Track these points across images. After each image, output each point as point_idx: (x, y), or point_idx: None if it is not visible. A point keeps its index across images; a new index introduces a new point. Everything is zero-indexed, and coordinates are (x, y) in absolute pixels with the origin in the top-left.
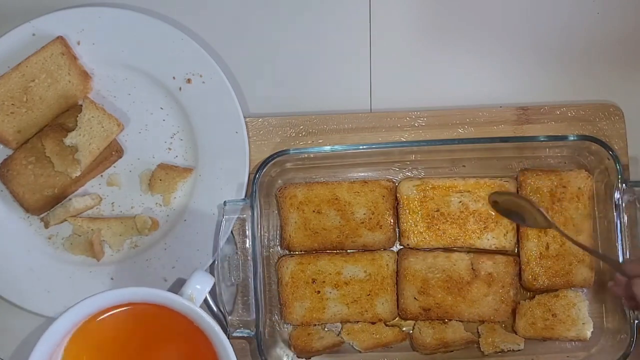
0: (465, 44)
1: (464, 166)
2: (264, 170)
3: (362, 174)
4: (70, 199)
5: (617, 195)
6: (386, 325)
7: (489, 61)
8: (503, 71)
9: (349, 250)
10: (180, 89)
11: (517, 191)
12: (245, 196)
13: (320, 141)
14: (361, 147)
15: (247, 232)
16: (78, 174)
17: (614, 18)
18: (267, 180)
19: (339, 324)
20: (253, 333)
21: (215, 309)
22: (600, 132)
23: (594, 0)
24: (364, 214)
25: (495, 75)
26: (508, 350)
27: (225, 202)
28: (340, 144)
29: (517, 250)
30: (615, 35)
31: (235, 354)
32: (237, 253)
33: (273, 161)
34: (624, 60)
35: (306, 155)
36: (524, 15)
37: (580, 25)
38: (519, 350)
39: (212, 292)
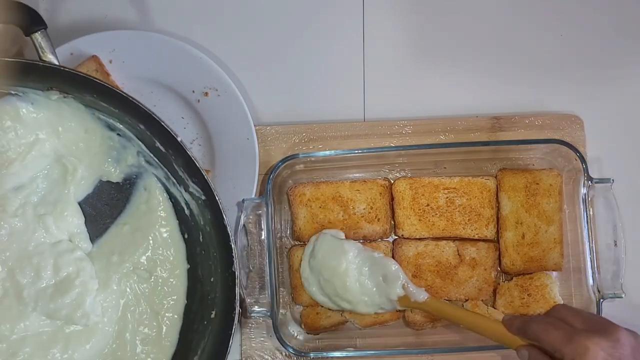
0: (446, 63)
1: (445, 167)
2: (277, 171)
3: (357, 174)
4: None
5: (583, 191)
6: None
7: (466, 77)
8: (479, 85)
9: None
10: (198, 101)
11: (497, 188)
12: (259, 194)
13: (320, 146)
14: (358, 151)
15: (263, 226)
16: None
17: (575, 40)
18: (279, 181)
19: None
20: (269, 313)
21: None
22: (564, 139)
23: (558, 24)
24: (364, 209)
25: (472, 89)
26: None
27: (243, 199)
28: (339, 149)
29: (497, 239)
30: (577, 55)
31: None
32: (252, 244)
33: (284, 164)
34: (584, 76)
35: (314, 159)
36: (497, 37)
37: (545, 46)
38: None
39: None
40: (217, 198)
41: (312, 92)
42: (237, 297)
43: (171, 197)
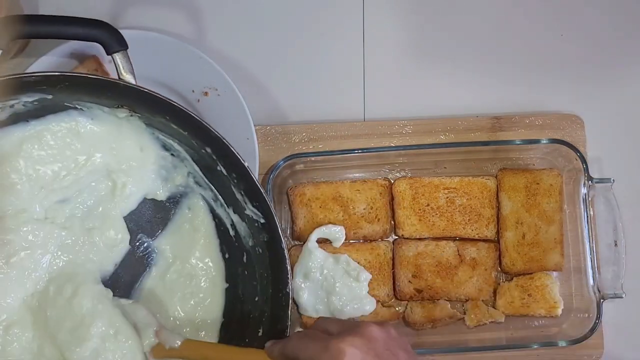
0: (446, 63)
1: (445, 167)
2: (277, 171)
3: (357, 174)
4: None
5: (584, 190)
6: (383, 306)
7: (466, 77)
8: (479, 85)
9: (351, 241)
10: (198, 100)
11: (497, 188)
12: None
13: (320, 146)
14: (358, 151)
15: None
16: None
17: (575, 40)
18: (279, 181)
19: None
20: None
21: None
22: (564, 138)
23: (559, 24)
24: (364, 209)
25: (472, 88)
26: (490, 322)
27: None
28: (339, 149)
29: (497, 239)
30: (577, 55)
31: None
32: None
33: (285, 164)
34: (584, 76)
35: (313, 159)
36: (497, 37)
37: (545, 46)
38: (500, 322)
39: None
40: (277, 222)
41: (312, 92)
42: (289, 316)
43: (215, 217)
